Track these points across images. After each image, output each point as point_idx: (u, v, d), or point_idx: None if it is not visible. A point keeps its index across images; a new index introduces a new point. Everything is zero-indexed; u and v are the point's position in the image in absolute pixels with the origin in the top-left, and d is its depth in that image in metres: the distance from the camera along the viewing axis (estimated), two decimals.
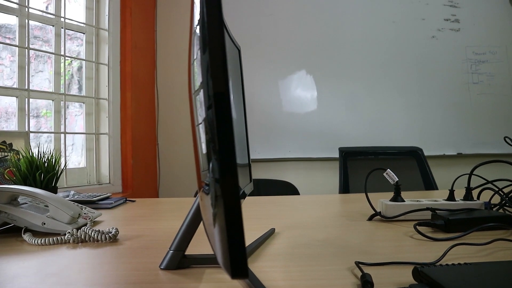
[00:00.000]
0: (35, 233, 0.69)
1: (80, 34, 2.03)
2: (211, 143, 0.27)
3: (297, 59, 2.47)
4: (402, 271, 0.47)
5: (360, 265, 0.48)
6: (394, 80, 2.46)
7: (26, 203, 0.74)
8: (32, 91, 1.73)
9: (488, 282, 0.37)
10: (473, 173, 0.81)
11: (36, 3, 1.80)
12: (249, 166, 0.64)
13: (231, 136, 0.24)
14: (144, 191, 2.25)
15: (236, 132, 0.43)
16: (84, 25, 2.00)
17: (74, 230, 0.66)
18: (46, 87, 1.91)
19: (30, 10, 1.71)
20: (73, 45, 2.04)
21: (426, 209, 0.76)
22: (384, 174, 0.82)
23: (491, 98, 2.45)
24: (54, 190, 1.02)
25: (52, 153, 1.04)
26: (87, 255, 0.58)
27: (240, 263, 0.24)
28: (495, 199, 0.84)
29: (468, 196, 0.81)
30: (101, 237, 0.65)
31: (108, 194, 1.13)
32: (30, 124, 1.68)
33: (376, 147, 1.80)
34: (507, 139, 0.84)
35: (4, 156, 1.27)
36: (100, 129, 2.05)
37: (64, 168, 1.77)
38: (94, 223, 0.82)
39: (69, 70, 2.02)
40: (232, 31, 0.59)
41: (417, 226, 0.67)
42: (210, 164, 0.28)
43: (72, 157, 2.00)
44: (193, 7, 0.34)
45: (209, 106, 0.26)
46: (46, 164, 0.98)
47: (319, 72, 2.47)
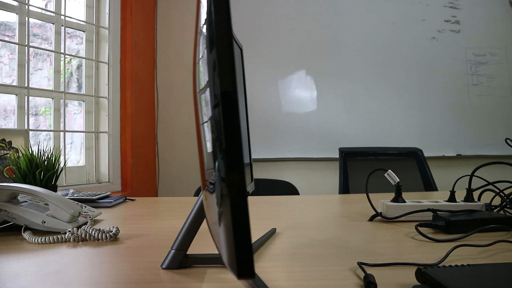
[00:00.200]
0: (35, 232, 0.69)
1: (79, 32, 2.02)
2: (217, 141, 0.26)
3: (297, 59, 2.47)
4: (405, 272, 0.47)
5: (362, 265, 0.48)
6: (394, 80, 2.46)
7: (26, 201, 0.74)
8: (32, 89, 1.73)
9: (492, 284, 0.37)
10: (473, 174, 0.81)
11: (36, 1, 1.79)
12: (251, 166, 0.64)
13: (238, 135, 0.24)
14: (143, 190, 2.25)
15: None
16: (84, 23, 2.00)
17: (75, 229, 0.66)
18: (45, 85, 1.90)
19: (30, 8, 1.70)
20: (72, 44, 2.03)
21: (428, 210, 0.76)
22: (385, 174, 0.82)
23: (491, 99, 2.45)
24: (53, 189, 1.01)
25: (52, 151, 1.03)
26: (87, 254, 0.57)
27: (246, 263, 0.24)
28: (496, 201, 0.84)
29: (469, 198, 0.81)
30: (101, 236, 0.65)
31: (108, 193, 1.13)
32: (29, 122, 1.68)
33: (376, 148, 1.80)
34: (508, 140, 0.84)
35: (4, 154, 1.26)
36: (99, 127, 2.04)
37: (63, 166, 1.77)
38: (94, 222, 0.82)
39: (68, 69, 2.02)
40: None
41: (418, 227, 0.67)
42: (216, 163, 0.27)
43: (71, 156, 1.99)
44: (199, 7, 0.34)
45: (215, 104, 0.26)
46: (46, 163, 0.98)
47: (319, 72, 2.46)
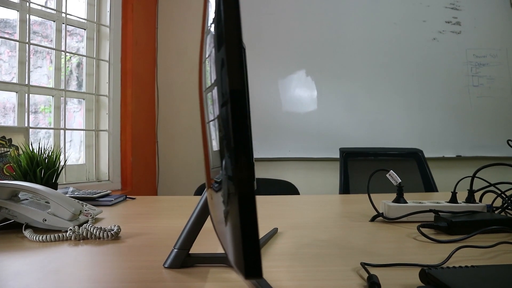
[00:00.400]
0: (36, 230, 0.69)
1: (79, 30, 2.01)
2: (225, 140, 0.26)
3: (297, 59, 2.47)
4: (408, 272, 0.47)
5: (365, 266, 0.48)
6: (394, 81, 2.46)
7: (27, 199, 0.73)
8: (33, 86, 1.72)
9: (497, 286, 0.37)
10: (475, 176, 0.81)
11: None
12: (253, 165, 0.64)
13: (247, 133, 0.24)
14: (143, 189, 2.24)
15: None
16: (85, 21, 1.99)
17: (76, 227, 0.66)
18: (44, 82, 1.89)
19: (31, 5, 1.70)
20: (72, 41, 2.03)
21: (429, 211, 0.76)
22: (387, 175, 0.82)
23: (491, 101, 2.46)
24: (54, 187, 1.01)
25: (53, 149, 1.03)
26: (89, 253, 0.57)
27: (254, 263, 0.24)
28: (497, 202, 0.84)
29: (470, 199, 0.81)
30: (103, 234, 0.64)
31: (108, 191, 1.13)
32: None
33: (377, 148, 1.79)
34: (510, 142, 0.84)
35: (5, 151, 1.26)
36: (100, 125, 2.04)
37: (64, 164, 1.77)
38: (95, 220, 0.82)
39: (68, 67, 2.01)
40: None
41: (420, 228, 0.67)
42: (223, 161, 0.27)
43: (70, 154, 1.99)
44: (207, 6, 0.34)
45: (224, 103, 0.25)
46: (46, 160, 0.97)
47: (320, 72, 2.46)
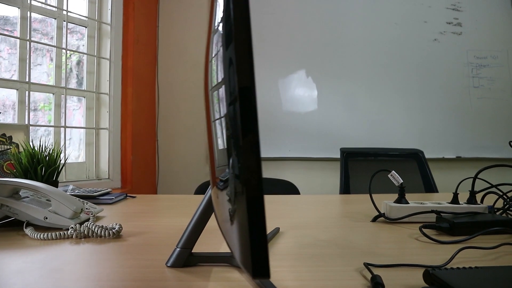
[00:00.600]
0: (37, 228, 0.68)
1: (79, 28, 2.01)
2: (232, 138, 0.26)
3: (298, 59, 2.46)
4: (412, 273, 0.47)
5: (369, 266, 0.48)
6: (395, 81, 2.47)
7: (28, 197, 0.73)
8: (33, 84, 1.72)
9: (501, 287, 0.37)
10: (477, 177, 0.81)
11: None
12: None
13: (256, 131, 0.24)
14: (142, 187, 2.24)
15: None
16: (86, 19, 1.99)
17: (77, 225, 0.65)
18: (44, 80, 1.89)
19: (32, 2, 1.69)
20: (73, 39, 2.02)
21: (431, 211, 0.76)
22: (389, 175, 0.82)
23: (492, 102, 2.46)
24: (55, 184, 1.01)
25: (54, 147, 1.03)
26: (91, 251, 0.57)
27: (262, 262, 0.24)
28: (498, 204, 0.84)
29: (472, 200, 0.81)
30: (104, 233, 0.64)
31: (109, 190, 1.12)
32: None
33: (378, 149, 1.80)
34: (511, 143, 0.84)
35: (6, 149, 1.26)
36: (100, 123, 2.03)
37: (64, 162, 1.76)
38: (96, 218, 0.82)
39: (68, 64, 2.01)
40: None
41: (422, 229, 0.67)
42: (230, 160, 0.27)
43: (69, 152, 1.99)
44: (214, 6, 0.34)
45: (232, 100, 0.25)
46: (47, 158, 0.97)
47: (320, 72, 2.46)
